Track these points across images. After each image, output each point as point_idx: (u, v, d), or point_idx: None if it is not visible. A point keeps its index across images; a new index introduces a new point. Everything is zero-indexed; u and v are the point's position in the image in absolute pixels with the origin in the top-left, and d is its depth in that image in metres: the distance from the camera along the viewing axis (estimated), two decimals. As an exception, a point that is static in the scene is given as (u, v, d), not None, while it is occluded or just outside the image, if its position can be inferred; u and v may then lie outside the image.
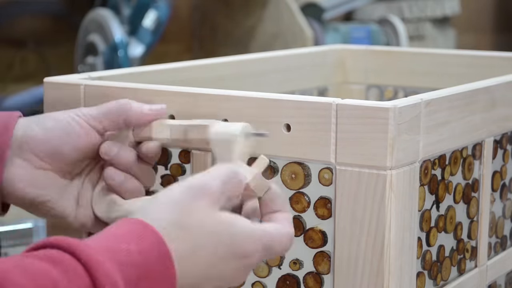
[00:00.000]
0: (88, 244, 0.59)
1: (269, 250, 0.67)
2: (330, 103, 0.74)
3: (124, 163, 0.78)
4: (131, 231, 0.62)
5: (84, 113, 0.78)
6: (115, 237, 0.61)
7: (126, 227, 0.62)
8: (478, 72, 1.14)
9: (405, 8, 2.81)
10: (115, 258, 0.60)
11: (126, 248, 0.60)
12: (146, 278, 0.60)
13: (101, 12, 2.15)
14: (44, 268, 0.57)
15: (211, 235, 0.65)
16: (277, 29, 2.31)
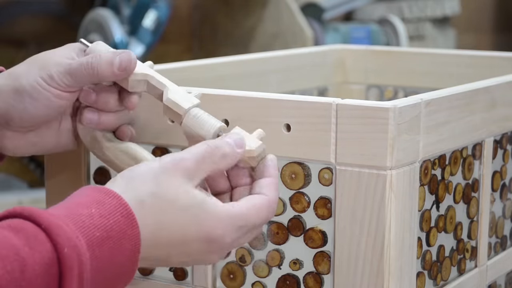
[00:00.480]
0: (50, 211, 0.61)
1: (244, 228, 0.68)
2: (330, 103, 0.74)
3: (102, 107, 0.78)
4: (92, 198, 0.64)
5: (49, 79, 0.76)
6: (77, 204, 0.63)
7: (88, 195, 0.64)
8: (478, 72, 1.14)
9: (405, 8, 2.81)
10: (77, 222, 0.61)
11: (87, 212, 0.62)
12: (109, 238, 0.62)
13: (101, 12, 2.15)
14: (6, 236, 0.58)
15: (182, 213, 0.66)
16: (277, 29, 2.31)
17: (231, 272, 0.81)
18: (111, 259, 0.62)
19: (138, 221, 0.64)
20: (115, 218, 0.63)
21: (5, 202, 1.95)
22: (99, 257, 0.61)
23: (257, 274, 0.80)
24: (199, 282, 0.82)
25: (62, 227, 0.60)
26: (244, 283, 0.80)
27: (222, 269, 0.81)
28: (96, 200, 0.63)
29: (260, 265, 0.79)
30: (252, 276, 0.80)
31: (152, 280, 0.84)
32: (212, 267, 0.81)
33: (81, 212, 0.62)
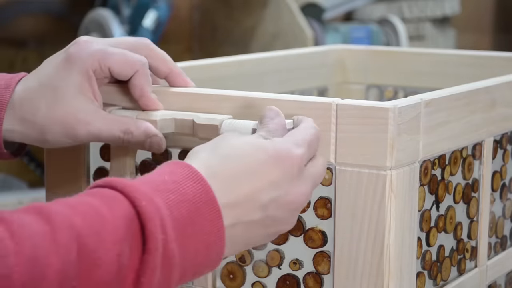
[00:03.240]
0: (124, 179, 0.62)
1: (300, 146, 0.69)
2: (330, 103, 0.74)
3: None
4: (163, 168, 0.65)
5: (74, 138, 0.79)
6: (150, 174, 0.64)
7: (159, 168, 0.65)
8: (478, 72, 1.14)
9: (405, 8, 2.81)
10: (151, 186, 0.62)
11: (161, 179, 0.63)
12: (185, 202, 0.62)
13: (101, 12, 2.15)
14: (85, 199, 0.60)
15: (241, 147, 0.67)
16: (277, 29, 2.31)
17: (231, 272, 0.81)
18: (192, 222, 0.62)
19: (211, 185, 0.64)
20: (188, 184, 0.63)
21: (5, 202, 1.95)
22: (178, 219, 0.61)
23: (257, 274, 0.80)
24: (199, 282, 0.82)
25: (136, 186, 0.61)
26: (244, 283, 0.80)
27: (222, 269, 0.81)
28: (167, 170, 0.64)
29: (260, 265, 0.79)
30: (252, 276, 0.80)
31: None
32: (212, 267, 0.81)
33: (154, 178, 0.63)
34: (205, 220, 0.63)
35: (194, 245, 0.62)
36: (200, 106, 0.79)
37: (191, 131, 0.77)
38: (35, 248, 0.54)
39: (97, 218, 0.58)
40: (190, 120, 0.77)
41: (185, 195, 0.62)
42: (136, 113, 0.79)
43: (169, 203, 0.61)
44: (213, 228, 0.63)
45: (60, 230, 0.56)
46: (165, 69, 0.82)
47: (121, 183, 0.61)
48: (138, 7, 2.15)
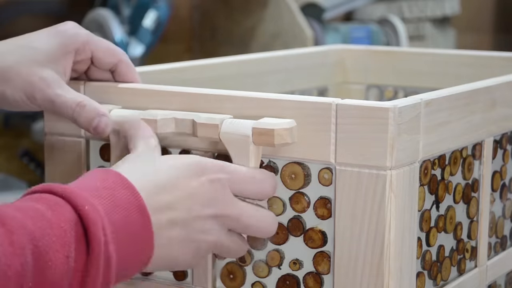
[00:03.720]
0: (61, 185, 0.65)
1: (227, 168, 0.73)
2: (330, 103, 0.74)
3: None
4: (94, 175, 0.68)
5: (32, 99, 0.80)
6: (81, 181, 0.67)
7: (90, 173, 0.68)
8: (478, 72, 1.14)
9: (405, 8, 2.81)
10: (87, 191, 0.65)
11: (93, 185, 0.66)
12: (117, 207, 0.65)
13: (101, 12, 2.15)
14: (30, 204, 0.62)
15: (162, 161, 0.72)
16: (277, 29, 2.31)
17: (231, 272, 0.81)
18: (125, 227, 0.65)
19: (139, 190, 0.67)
20: (119, 190, 0.66)
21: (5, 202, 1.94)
22: (114, 223, 0.64)
23: (257, 274, 0.80)
24: (199, 282, 0.82)
25: (77, 192, 0.64)
26: (244, 283, 0.80)
27: (222, 269, 0.81)
28: (98, 177, 0.67)
29: (260, 265, 0.79)
30: (252, 276, 0.80)
31: (152, 280, 0.84)
32: (212, 267, 0.81)
33: (88, 185, 0.66)
34: (136, 225, 0.66)
35: (127, 248, 0.65)
36: (200, 106, 0.79)
37: (191, 131, 0.77)
38: None
39: (44, 222, 0.61)
40: (190, 120, 0.77)
41: (118, 201, 0.65)
42: (137, 112, 0.79)
43: (105, 208, 0.64)
44: (144, 232, 0.67)
45: (15, 232, 0.58)
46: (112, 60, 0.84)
47: (61, 189, 0.64)
48: (138, 7, 2.15)
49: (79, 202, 0.63)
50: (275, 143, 0.74)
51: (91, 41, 0.82)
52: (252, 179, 0.74)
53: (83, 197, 0.64)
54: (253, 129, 0.74)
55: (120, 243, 0.65)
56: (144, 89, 0.83)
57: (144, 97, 0.82)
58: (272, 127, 0.73)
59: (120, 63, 0.84)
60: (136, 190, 0.67)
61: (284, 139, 0.74)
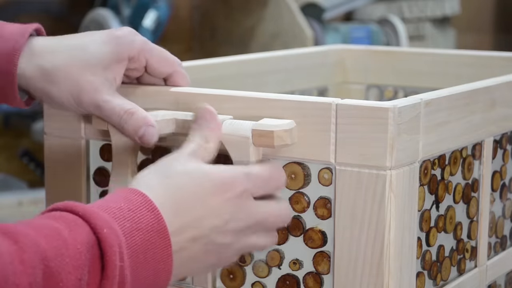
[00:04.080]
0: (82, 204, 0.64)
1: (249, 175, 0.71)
2: (330, 103, 0.74)
3: None
4: (120, 195, 0.66)
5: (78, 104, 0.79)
6: (106, 201, 0.66)
7: (115, 193, 0.67)
8: (478, 72, 1.14)
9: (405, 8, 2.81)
10: (109, 213, 0.64)
11: (117, 206, 0.65)
12: (139, 230, 0.64)
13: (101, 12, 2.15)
14: (47, 222, 0.61)
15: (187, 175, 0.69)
16: (277, 29, 2.31)
17: (231, 272, 0.81)
18: (144, 250, 0.64)
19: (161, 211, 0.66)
20: (142, 212, 0.65)
21: (5, 202, 1.95)
22: (132, 246, 0.64)
23: (257, 274, 0.80)
24: (199, 282, 0.82)
25: (98, 213, 0.63)
26: (244, 283, 0.80)
27: (222, 269, 0.81)
28: (122, 196, 0.66)
29: (260, 265, 0.79)
30: (252, 276, 0.80)
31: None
32: (212, 267, 0.81)
33: (111, 206, 0.65)
34: (156, 248, 0.65)
35: (145, 272, 0.64)
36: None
37: None
38: (4, 266, 0.55)
39: (60, 242, 0.60)
40: (191, 120, 0.77)
41: (140, 224, 0.64)
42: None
43: (125, 231, 0.64)
44: (163, 256, 0.66)
45: (27, 250, 0.57)
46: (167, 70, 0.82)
47: (82, 209, 0.63)
48: (138, 7, 2.15)
49: (98, 224, 0.62)
50: (275, 145, 0.74)
51: (147, 49, 0.80)
52: (271, 178, 0.73)
53: (103, 219, 0.63)
54: (253, 131, 0.74)
55: (138, 267, 0.64)
56: (144, 89, 0.83)
57: (144, 97, 0.82)
58: (272, 128, 0.73)
59: (175, 73, 0.82)
60: (160, 213, 0.66)
61: (283, 140, 0.74)
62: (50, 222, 0.61)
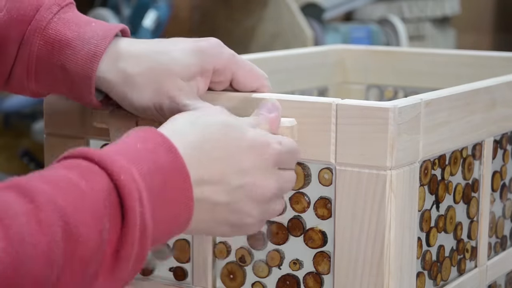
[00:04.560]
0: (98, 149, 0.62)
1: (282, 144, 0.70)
2: (330, 103, 0.74)
3: None
4: (136, 136, 0.64)
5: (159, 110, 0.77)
6: (122, 142, 0.64)
7: (131, 135, 0.65)
8: (478, 72, 1.14)
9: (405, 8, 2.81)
10: (126, 156, 0.62)
11: (133, 147, 0.63)
12: (158, 170, 0.62)
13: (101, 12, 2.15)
14: (63, 174, 0.59)
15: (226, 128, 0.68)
16: (277, 29, 2.31)
17: (231, 272, 0.81)
18: (163, 192, 0.62)
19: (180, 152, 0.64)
20: (160, 152, 0.63)
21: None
22: (151, 189, 0.62)
23: (257, 274, 0.80)
24: (199, 282, 0.82)
25: (114, 158, 0.61)
26: (244, 283, 0.80)
27: (222, 269, 0.81)
28: (140, 136, 0.64)
29: (260, 265, 0.79)
30: (252, 276, 0.80)
31: (152, 280, 0.84)
32: (212, 267, 0.81)
33: (127, 148, 0.63)
34: (176, 189, 0.63)
35: (165, 214, 0.63)
36: (200, 106, 0.79)
37: None
38: (20, 228, 0.54)
39: (77, 194, 0.58)
40: None
41: (158, 164, 0.62)
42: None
43: (143, 173, 0.62)
44: (183, 198, 0.64)
45: (43, 209, 0.56)
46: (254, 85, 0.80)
47: (98, 155, 0.60)
48: (138, 7, 2.15)
49: (115, 170, 0.60)
50: None
51: (233, 62, 0.78)
52: (295, 151, 0.73)
53: (120, 164, 0.60)
54: None
55: (158, 209, 0.62)
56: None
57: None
58: None
59: (262, 87, 0.79)
60: (179, 153, 0.64)
61: None
62: (66, 173, 0.59)
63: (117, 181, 0.60)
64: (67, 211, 0.57)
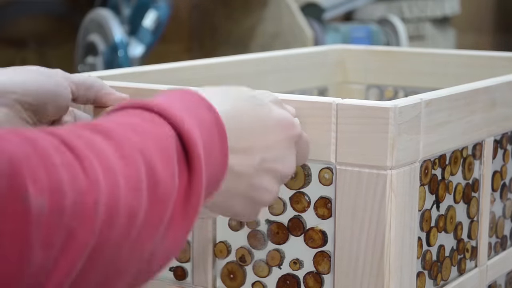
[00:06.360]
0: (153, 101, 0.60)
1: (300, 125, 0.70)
2: (330, 103, 0.74)
3: None
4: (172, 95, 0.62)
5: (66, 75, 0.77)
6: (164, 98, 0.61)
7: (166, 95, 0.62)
8: (478, 72, 1.14)
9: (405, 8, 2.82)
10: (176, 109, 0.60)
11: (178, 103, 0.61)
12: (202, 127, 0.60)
13: (101, 12, 2.15)
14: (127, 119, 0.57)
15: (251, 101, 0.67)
16: (277, 29, 2.31)
17: (231, 272, 0.81)
18: (209, 148, 0.60)
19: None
20: (201, 110, 0.62)
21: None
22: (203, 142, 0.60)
23: (257, 274, 0.80)
24: (199, 282, 0.82)
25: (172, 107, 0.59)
26: (244, 283, 0.80)
27: (222, 269, 0.81)
28: (177, 96, 0.62)
29: (260, 265, 0.79)
30: (252, 276, 0.80)
31: (152, 280, 0.84)
32: (212, 267, 0.81)
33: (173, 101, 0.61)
34: (217, 148, 0.62)
35: (210, 171, 0.61)
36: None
37: None
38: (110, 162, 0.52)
39: (148, 136, 0.56)
40: None
41: (201, 121, 0.61)
42: None
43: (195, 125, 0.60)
44: (222, 159, 0.62)
45: (125, 146, 0.54)
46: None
47: (156, 105, 0.58)
48: (138, 7, 2.15)
49: (178, 119, 0.58)
50: None
51: None
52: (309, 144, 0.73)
53: (180, 114, 0.58)
54: None
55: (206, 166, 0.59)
56: (145, 89, 0.83)
57: (144, 97, 0.82)
58: None
59: None
60: (217, 112, 0.62)
61: None
62: (128, 118, 0.57)
63: (181, 129, 0.58)
64: (144, 151, 0.55)
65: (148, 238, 0.54)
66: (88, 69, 2.19)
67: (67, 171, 0.49)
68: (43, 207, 0.47)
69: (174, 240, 0.57)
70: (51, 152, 0.49)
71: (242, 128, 0.65)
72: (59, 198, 0.47)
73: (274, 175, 0.68)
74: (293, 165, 0.70)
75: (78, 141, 0.51)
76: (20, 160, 0.47)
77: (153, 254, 0.56)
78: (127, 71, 0.98)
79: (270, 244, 0.79)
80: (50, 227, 0.47)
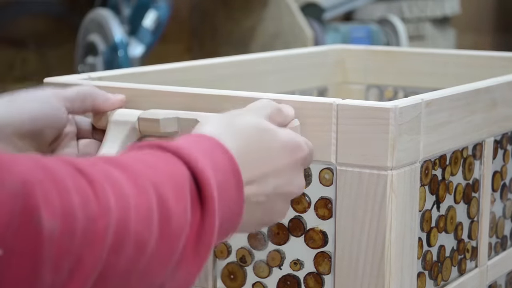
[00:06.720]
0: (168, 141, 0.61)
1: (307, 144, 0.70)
2: (331, 103, 0.74)
3: None
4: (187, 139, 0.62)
5: (59, 94, 0.77)
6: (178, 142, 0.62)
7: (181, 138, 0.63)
8: (478, 72, 1.14)
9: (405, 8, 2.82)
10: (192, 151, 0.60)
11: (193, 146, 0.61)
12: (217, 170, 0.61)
13: (101, 12, 2.15)
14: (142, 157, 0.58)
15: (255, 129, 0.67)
16: (277, 29, 2.31)
17: (232, 273, 0.81)
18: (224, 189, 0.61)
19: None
20: (216, 153, 0.62)
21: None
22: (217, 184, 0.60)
23: (257, 275, 0.80)
24: (199, 282, 0.82)
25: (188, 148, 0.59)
26: (244, 283, 0.80)
27: (222, 269, 0.81)
28: (192, 140, 0.63)
29: (260, 265, 0.79)
30: (252, 276, 0.80)
31: None
32: (213, 267, 0.81)
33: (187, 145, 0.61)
34: (232, 188, 0.62)
35: (224, 211, 0.61)
36: (200, 106, 0.79)
37: None
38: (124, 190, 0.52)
39: (162, 172, 0.56)
40: (194, 119, 0.77)
41: (216, 164, 0.61)
42: (138, 112, 0.79)
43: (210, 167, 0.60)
44: (238, 198, 0.63)
45: (139, 177, 0.54)
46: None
47: (172, 145, 0.59)
48: (138, 7, 2.15)
49: (192, 159, 0.58)
50: None
51: None
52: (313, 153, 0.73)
53: (195, 154, 0.59)
54: None
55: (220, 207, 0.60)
56: (145, 89, 0.83)
57: (144, 97, 0.82)
58: None
59: None
60: (233, 155, 0.63)
61: None
62: (143, 157, 0.58)
63: (195, 168, 0.58)
64: (157, 184, 0.55)
65: (158, 270, 0.55)
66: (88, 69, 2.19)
67: (79, 195, 0.49)
68: (55, 230, 0.47)
69: (186, 276, 0.58)
70: (64, 176, 0.50)
71: (252, 160, 0.66)
72: (70, 222, 0.48)
73: (286, 198, 0.69)
74: (303, 184, 0.70)
75: (92, 168, 0.52)
76: (33, 182, 0.47)
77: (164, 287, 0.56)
78: (127, 71, 0.98)
79: (270, 245, 0.79)
80: (61, 250, 0.48)
